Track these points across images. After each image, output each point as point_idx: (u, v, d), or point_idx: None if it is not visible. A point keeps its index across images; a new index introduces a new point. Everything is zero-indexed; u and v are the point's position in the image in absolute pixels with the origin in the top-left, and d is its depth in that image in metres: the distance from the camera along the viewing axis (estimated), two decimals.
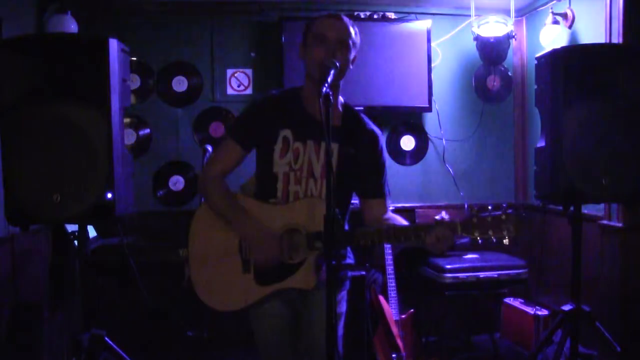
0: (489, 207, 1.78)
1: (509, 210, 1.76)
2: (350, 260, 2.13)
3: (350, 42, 1.93)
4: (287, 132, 1.98)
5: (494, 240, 1.77)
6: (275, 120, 2.00)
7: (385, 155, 2.12)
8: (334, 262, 1.91)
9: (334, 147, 1.96)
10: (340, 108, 2.05)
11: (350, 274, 2.15)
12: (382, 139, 2.09)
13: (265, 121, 2.01)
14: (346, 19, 1.96)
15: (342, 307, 2.10)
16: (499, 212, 1.75)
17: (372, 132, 2.07)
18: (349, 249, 2.12)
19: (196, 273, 2.01)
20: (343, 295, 2.11)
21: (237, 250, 1.96)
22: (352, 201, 2.12)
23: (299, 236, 1.91)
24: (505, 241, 1.77)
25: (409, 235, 1.83)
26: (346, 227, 2.07)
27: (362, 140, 2.03)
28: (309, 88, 1.99)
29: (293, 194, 1.97)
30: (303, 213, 1.90)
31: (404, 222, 1.96)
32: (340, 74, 1.91)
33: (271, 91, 2.10)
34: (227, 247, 1.97)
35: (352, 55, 1.95)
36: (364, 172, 2.04)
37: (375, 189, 2.07)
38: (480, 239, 1.77)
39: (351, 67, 1.97)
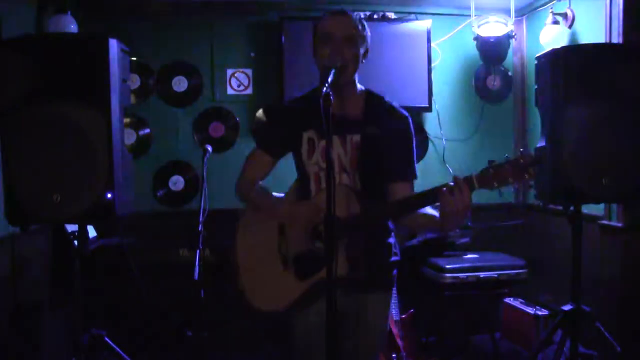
0: (506, 156, 1.76)
1: (526, 152, 1.74)
2: (397, 257, 2.12)
3: (358, 37, 1.93)
4: (311, 133, 2.00)
5: (516, 187, 1.74)
6: (297, 123, 2.02)
7: (414, 139, 2.07)
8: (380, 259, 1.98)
9: (356, 138, 1.97)
10: (361, 96, 2.03)
11: (396, 272, 2.14)
12: (410, 121, 2.05)
13: (288, 126, 2.04)
14: (351, 14, 1.95)
15: (390, 309, 2.13)
16: (516, 157, 1.73)
17: (399, 114, 2.04)
18: (396, 244, 2.12)
19: (245, 280, 2.05)
20: (391, 295, 2.14)
21: (277, 249, 1.99)
22: None
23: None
24: (531, 184, 1.76)
25: (425, 200, 1.82)
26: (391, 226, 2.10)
27: (388, 125, 2.01)
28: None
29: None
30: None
31: (431, 210, 1.92)
32: (347, 71, 1.90)
33: (296, 95, 2.12)
34: (268, 248, 2.01)
35: (362, 49, 1.95)
36: (391, 154, 2.01)
37: (401, 170, 2.03)
38: (501, 189, 1.74)
39: (363, 61, 1.97)
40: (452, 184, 1.75)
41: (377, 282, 2.04)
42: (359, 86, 2.05)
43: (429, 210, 1.89)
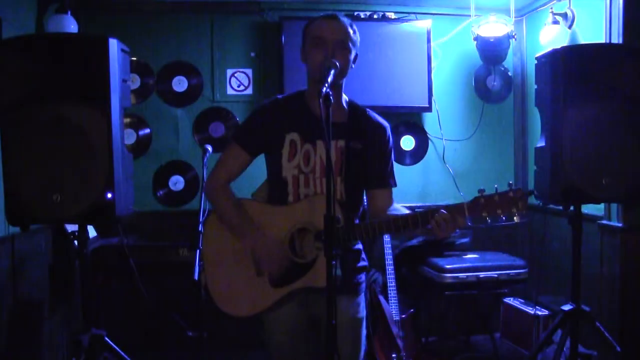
0: (495, 187, 1.78)
1: (516, 188, 1.77)
2: (365, 262, 2.12)
3: (349, 43, 1.93)
4: (294, 136, 1.98)
5: (504, 219, 1.76)
6: (280, 124, 1.99)
7: (392, 147, 2.10)
8: (343, 264, 1.91)
9: (341, 143, 1.97)
10: (345, 105, 2.05)
11: (364, 277, 2.13)
12: (390, 131, 2.08)
13: (271, 126, 2.00)
14: (343, 19, 1.96)
15: (363, 312, 2.10)
16: (507, 190, 1.76)
17: (379, 123, 2.07)
18: (363, 251, 2.12)
19: (212, 279, 2.02)
20: (362, 299, 2.11)
21: (251, 255, 1.97)
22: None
23: (308, 235, 1.91)
24: (516, 219, 1.77)
25: (414, 223, 1.83)
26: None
27: (369, 133, 2.03)
28: (312, 90, 1.99)
29: (304, 197, 1.97)
30: (310, 211, 1.89)
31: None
32: (341, 74, 1.91)
33: (276, 96, 2.10)
34: (241, 252, 1.98)
35: (352, 54, 1.95)
36: (371, 163, 2.03)
37: (380, 178, 2.06)
38: (489, 219, 1.77)
39: (353, 66, 1.98)
40: (443, 212, 1.78)
41: (347, 286, 2.01)
42: (344, 96, 2.06)
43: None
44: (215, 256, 2.02)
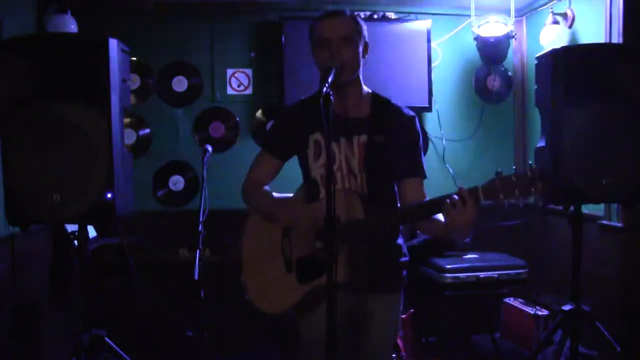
0: (513, 168, 1.70)
1: (534, 167, 1.68)
2: (406, 257, 2.12)
3: (354, 35, 1.92)
4: (317, 136, 1.98)
5: (522, 203, 1.68)
6: (304, 125, 2.00)
7: (420, 138, 2.05)
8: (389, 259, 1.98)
9: (363, 138, 1.96)
10: (367, 98, 2.03)
11: (406, 273, 2.13)
12: (416, 121, 2.04)
13: (295, 128, 2.02)
14: (344, 13, 1.95)
15: (400, 308, 2.12)
16: (525, 171, 1.67)
17: (405, 113, 2.03)
18: (404, 245, 2.12)
19: (248, 279, 2.05)
20: (401, 295, 2.13)
21: (280, 251, 1.98)
22: None
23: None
24: (537, 197, 1.67)
25: (427, 211, 1.79)
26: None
27: (394, 124, 2.00)
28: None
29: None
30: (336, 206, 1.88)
31: (437, 216, 1.87)
32: (349, 69, 1.90)
33: (300, 98, 2.10)
34: (272, 249, 2.00)
35: (360, 46, 1.94)
36: (398, 153, 1.99)
37: (408, 167, 2.01)
38: (507, 201, 1.68)
39: (365, 56, 1.97)
40: (456, 197, 1.71)
41: (385, 284, 2.03)
42: (365, 88, 2.04)
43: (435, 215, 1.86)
44: (252, 255, 2.05)
